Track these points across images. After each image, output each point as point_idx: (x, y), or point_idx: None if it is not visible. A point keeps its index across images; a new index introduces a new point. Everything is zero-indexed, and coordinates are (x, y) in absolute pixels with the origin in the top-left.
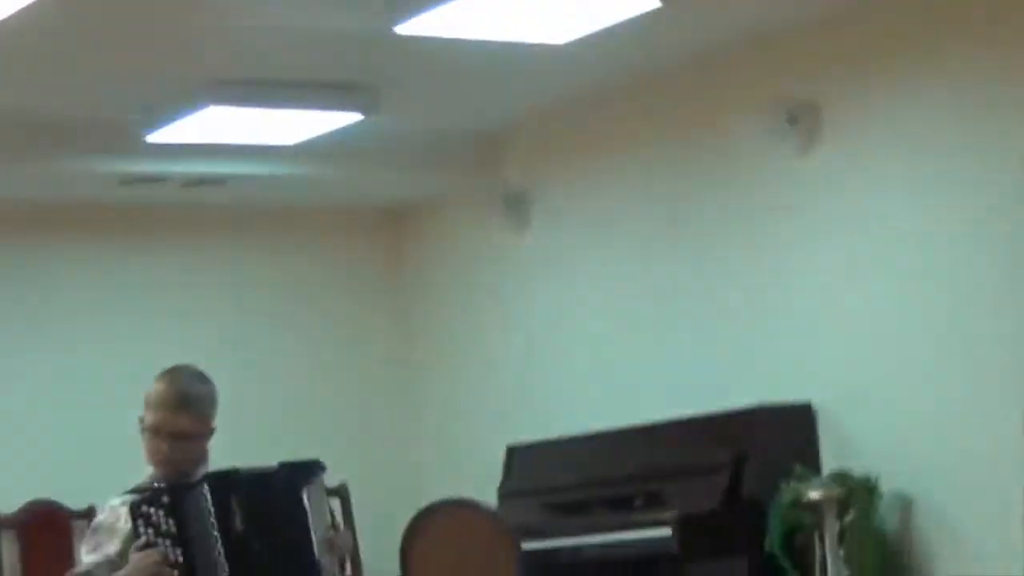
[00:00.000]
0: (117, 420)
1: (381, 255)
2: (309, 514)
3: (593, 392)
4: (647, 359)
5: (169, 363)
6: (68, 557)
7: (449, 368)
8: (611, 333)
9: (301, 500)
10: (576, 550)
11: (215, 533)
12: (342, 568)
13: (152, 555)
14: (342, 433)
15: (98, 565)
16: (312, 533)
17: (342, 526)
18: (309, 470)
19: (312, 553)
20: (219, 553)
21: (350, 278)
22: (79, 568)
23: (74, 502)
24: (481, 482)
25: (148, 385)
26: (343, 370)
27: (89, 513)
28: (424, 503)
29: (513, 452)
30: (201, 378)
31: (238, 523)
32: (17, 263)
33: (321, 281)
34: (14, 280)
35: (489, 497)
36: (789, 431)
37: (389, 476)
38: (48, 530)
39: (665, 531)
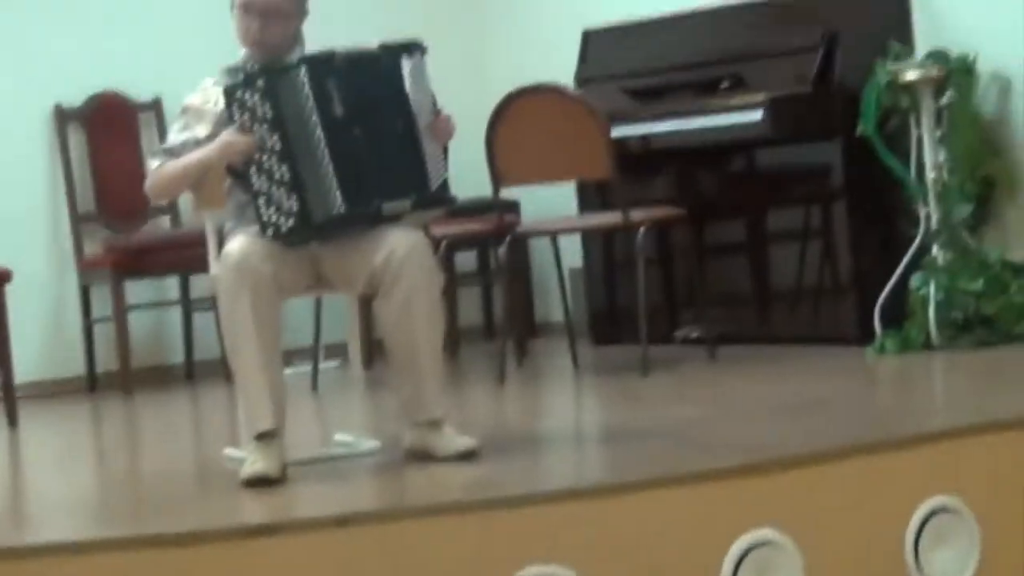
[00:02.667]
0: (186, 3)
1: None
2: (412, 97)
3: None
4: None
5: None
6: (135, 148)
7: None
8: None
9: (403, 82)
10: (662, 136)
11: (314, 118)
12: (445, 154)
13: (247, 140)
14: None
15: (184, 144)
16: (415, 118)
17: (444, 111)
18: (410, 51)
19: (416, 139)
20: (319, 139)
21: None
22: (165, 143)
23: (140, 93)
24: (555, 70)
25: None
26: None
27: (155, 105)
28: (500, 92)
29: (588, 37)
30: None
31: (337, 107)
32: None
33: None
34: None
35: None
36: (882, 8)
37: (461, 66)
38: (114, 121)
39: (755, 114)
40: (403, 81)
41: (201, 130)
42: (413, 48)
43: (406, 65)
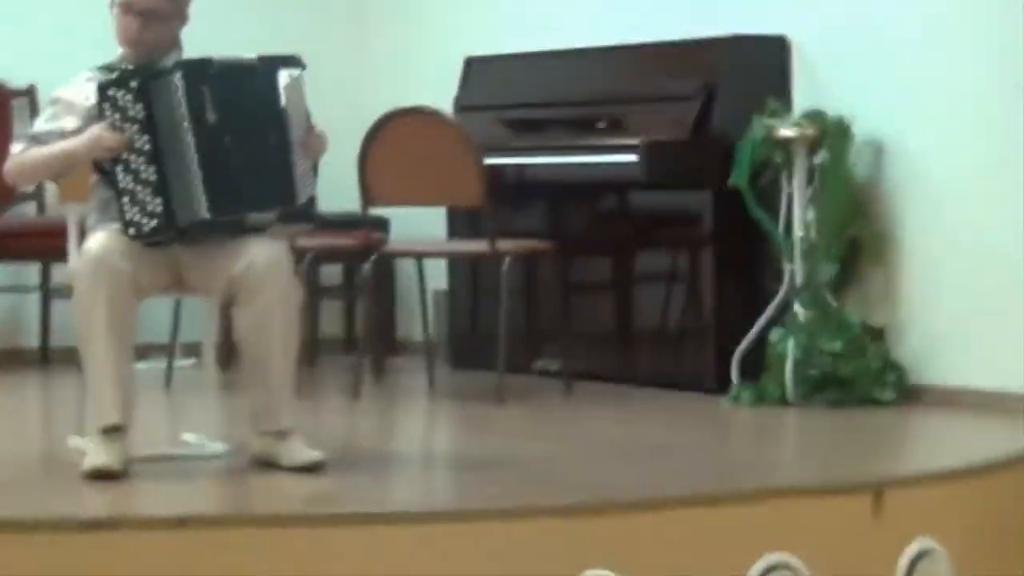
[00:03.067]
0: None
1: None
2: (287, 111)
3: (556, 9)
4: None
5: None
6: (5, 134)
7: None
8: None
9: (279, 95)
10: (536, 168)
11: (185, 123)
12: (315, 170)
13: (115, 137)
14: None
15: (50, 132)
16: (288, 131)
17: (317, 127)
18: (288, 64)
19: (287, 152)
20: (188, 144)
21: None
22: (30, 130)
23: (14, 79)
24: (434, 94)
25: None
26: None
27: (29, 91)
28: (376, 112)
29: (471, 64)
30: None
31: (210, 114)
32: None
33: None
34: None
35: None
36: (762, 64)
37: (339, 84)
38: None
39: (631, 156)
40: (278, 94)
41: (69, 122)
42: (291, 62)
43: (283, 78)
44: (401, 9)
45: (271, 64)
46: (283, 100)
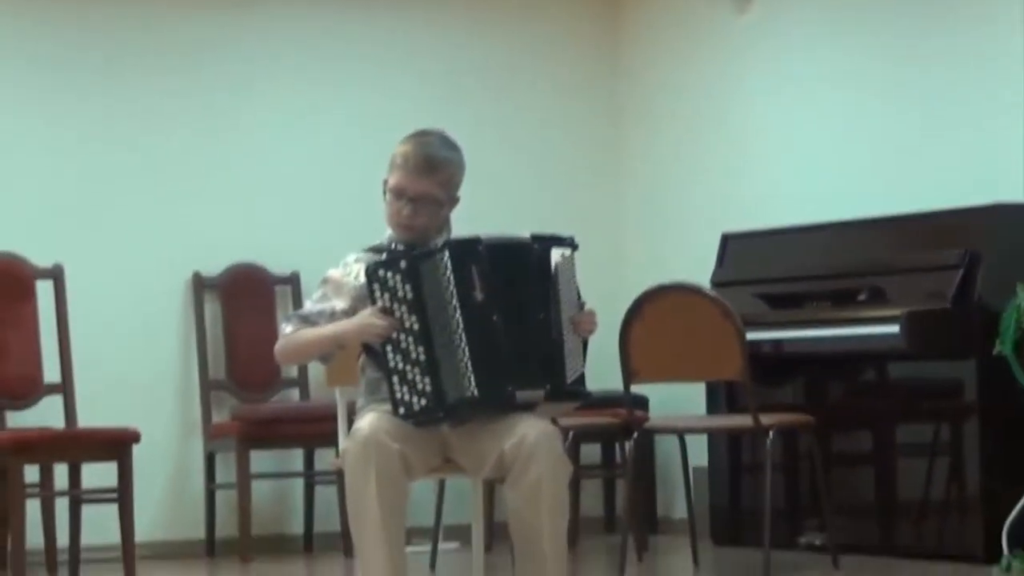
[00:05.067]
0: (331, 183)
1: (597, 26)
2: (559, 289)
3: (813, 182)
4: (874, 149)
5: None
6: (270, 320)
7: (659, 150)
8: (836, 120)
9: (552, 274)
10: (795, 342)
11: (454, 302)
12: (584, 349)
13: (386, 323)
14: (547, 215)
15: (320, 314)
16: (559, 309)
17: (587, 306)
18: (561, 244)
19: (557, 330)
20: (457, 323)
21: (564, 50)
22: (301, 310)
23: (278, 266)
24: (691, 270)
25: (360, 146)
26: (548, 151)
27: (292, 279)
28: (633, 291)
29: (727, 240)
30: (449, 144)
31: (478, 293)
32: None
33: (533, 52)
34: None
35: None
36: None
37: (595, 263)
38: (250, 293)
39: (892, 328)
40: (551, 273)
41: (339, 303)
42: (565, 242)
43: (556, 257)
44: (658, 187)
45: (545, 243)
46: (556, 279)
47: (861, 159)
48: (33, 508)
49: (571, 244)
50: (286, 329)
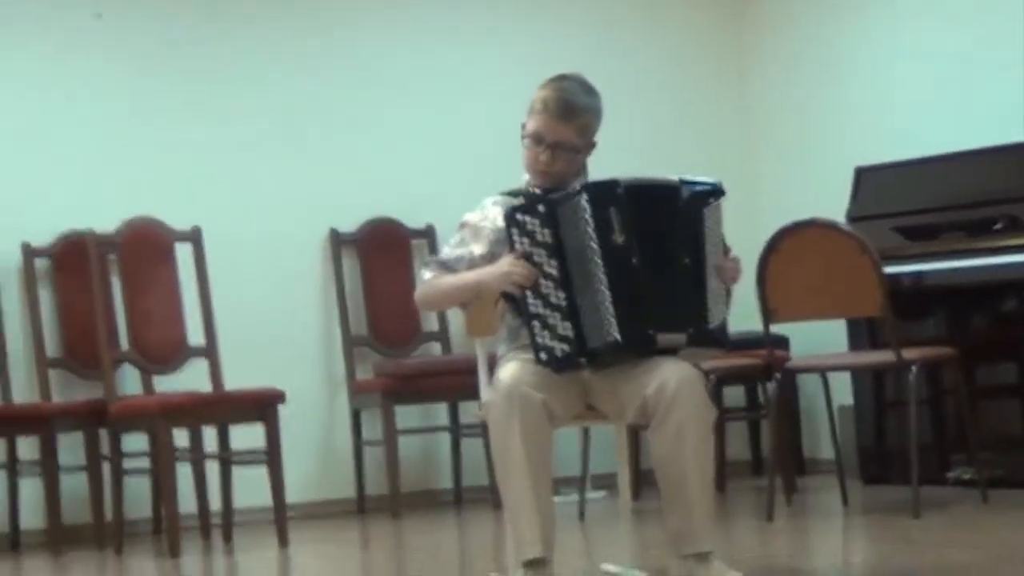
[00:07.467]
0: (465, 135)
1: None
2: (705, 235)
3: (946, 111)
4: (1007, 75)
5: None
6: (407, 274)
7: (790, 86)
8: (969, 47)
9: (700, 218)
10: (934, 274)
11: (593, 245)
12: (728, 296)
13: (527, 272)
14: (679, 157)
15: (458, 259)
16: (704, 254)
17: (732, 252)
18: (708, 190)
19: (702, 275)
20: (597, 266)
21: None
22: (439, 255)
23: (413, 220)
24: (825, 206)
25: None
26: (680, 92)
27: (428, 232)
28: (768, 231)
29: (861, 174)
30: (588, 89)
31: (618, 236)
32: None
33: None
34: None
35: None
36: None
37: (730, 204)
38: (387, 248)
39: None
40: (700, 217)
41: (477, 248)
42: (713, 188)
43: (704, 203)
44: (792, 122)
45: (693, 187)
46: (704, 224)
47: (993, 86)
48: (184, 473)
49: (719, 191)
50: (425, 275)
